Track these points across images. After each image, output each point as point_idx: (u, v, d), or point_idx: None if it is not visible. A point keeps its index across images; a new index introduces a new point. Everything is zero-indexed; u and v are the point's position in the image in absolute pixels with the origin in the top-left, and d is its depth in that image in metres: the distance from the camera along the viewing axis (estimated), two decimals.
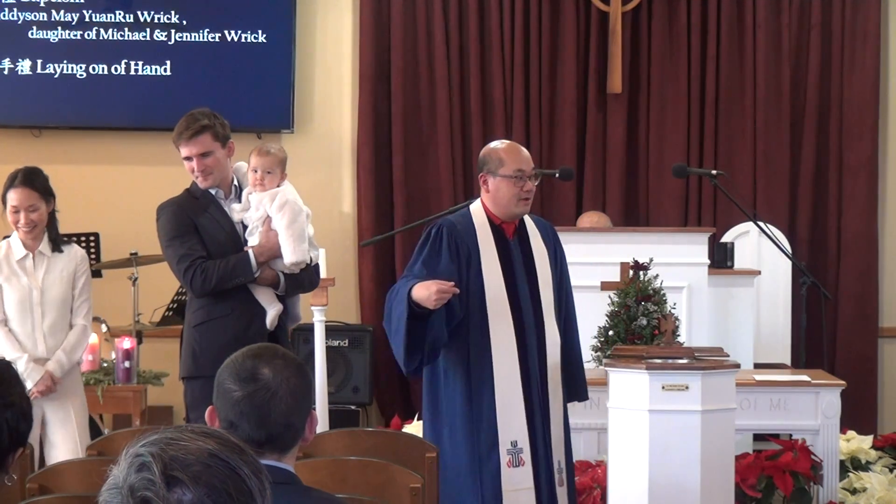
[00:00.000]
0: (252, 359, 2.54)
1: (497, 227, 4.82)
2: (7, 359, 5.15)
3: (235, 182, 5.18)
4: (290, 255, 5.02)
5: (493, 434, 4.63)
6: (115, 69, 8.03)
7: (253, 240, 5.06)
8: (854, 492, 6.00)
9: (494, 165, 4.77)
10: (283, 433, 2.50)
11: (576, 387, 4.91)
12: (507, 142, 4.97)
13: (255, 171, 5.08)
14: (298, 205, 5.11)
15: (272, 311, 5.05)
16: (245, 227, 5.10)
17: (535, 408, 4.69)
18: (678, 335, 5.63)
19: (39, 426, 5.38)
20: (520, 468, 4.64)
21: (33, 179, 5.35)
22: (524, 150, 4.86)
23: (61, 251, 5.45)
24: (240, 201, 5.13)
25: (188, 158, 5.04)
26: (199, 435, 1.62)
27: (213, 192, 5.10)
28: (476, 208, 4.84)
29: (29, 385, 5.26)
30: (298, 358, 2.66)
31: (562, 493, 4.76)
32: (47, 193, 5.38)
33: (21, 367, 5.23)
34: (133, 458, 1.59)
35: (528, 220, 4.91)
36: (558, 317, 4.83)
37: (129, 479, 1.57)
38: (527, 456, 4.65)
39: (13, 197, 5.32)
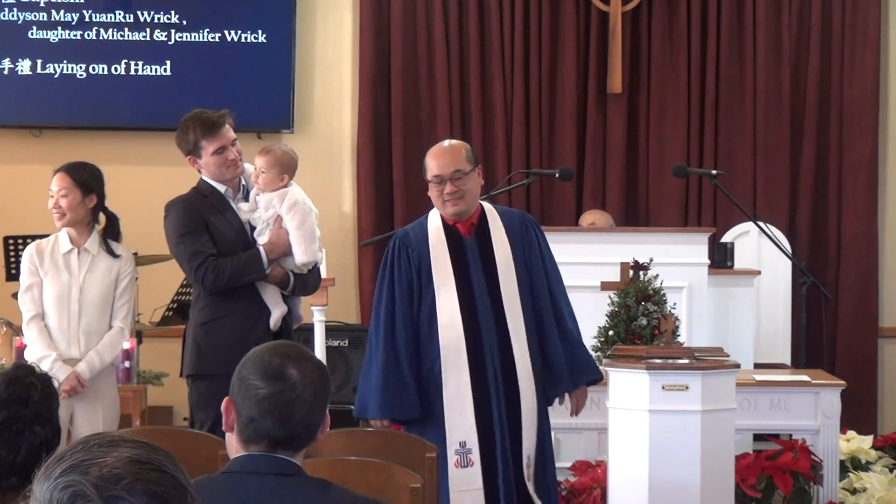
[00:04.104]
0: (280, 357, 2.56)
1: (451, 228, 4.79)
2: (36, 356, 5.17)
3: (243, 181, 5.19)
4: (301, 255, 5.04)
5: (442, 435, 4.62)
6: (115, 69, 8.03)
7: (262, 240, 5.07)
8: (854, 492, 6.00)
9: (424, 171, 4.77)
10: (301, 434, 2.55)
11: (556, 380, 4.75)
12: (439, 145, 4.88)
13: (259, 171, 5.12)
14: (308, 205, 5.13)
15: (277, 312, 5.06)
16: (253, 227, 5.12)
17: (494, 409, 4.64)
18: (678, 335, 5.62)
19: (68, 425, 5.34)
20: (468, 469, 4.62)
21: (75, 169, 5.33)
22: (449, 151, 4.75)
23: (110, 251, 5.34)
24: (247, 201, 5.14)
25: (220, 150, 5.04)
26: (108, 446, 1.57)
27: (221, 190, 5.11)
28: (433, 212, 4.84)
29: (55, 384, 5.22)
30: (321, 361, 2.68)
31: (530, 488, 4.68)
32: (84, 185, 5.30)
33: (47, 365, 5.17)
34: (61, 492, 1.52)
35: (493, 213, 4.82)
36: (531, 308, 4.73)
37: None
38: (476, 457, 4.62)
39: (52, 180, 5.32)
